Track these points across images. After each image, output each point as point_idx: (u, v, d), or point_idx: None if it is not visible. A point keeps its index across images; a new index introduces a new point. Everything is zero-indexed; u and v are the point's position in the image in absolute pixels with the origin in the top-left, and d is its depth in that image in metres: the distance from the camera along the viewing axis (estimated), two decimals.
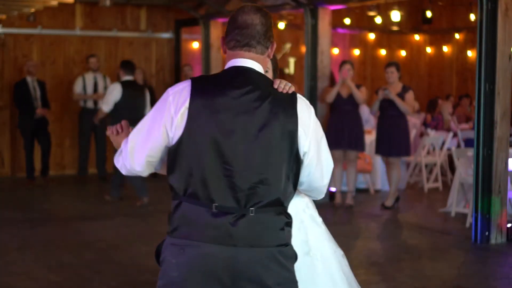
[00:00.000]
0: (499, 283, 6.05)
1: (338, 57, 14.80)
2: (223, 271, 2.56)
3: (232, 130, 2.55)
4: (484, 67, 7.10)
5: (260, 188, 2.56)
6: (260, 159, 2.56)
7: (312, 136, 2.63)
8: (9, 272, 6.16)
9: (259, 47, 2.68)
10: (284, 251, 2.61)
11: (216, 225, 2.55)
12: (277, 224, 2.60)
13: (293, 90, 2.65)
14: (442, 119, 11.97)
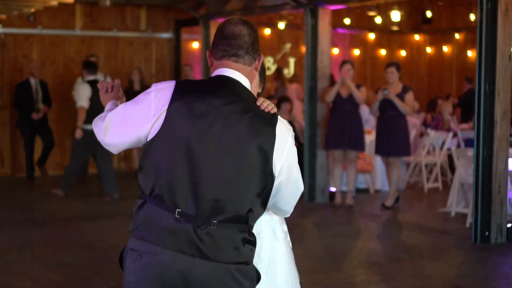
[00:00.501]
0: (499, 283, 6.05)
1: (338, 57, 14.81)
2: (178, 282, 2.51)
3: (207, 137, 2.52)
4: (484, 67, 7.10)
5: (226, 202, 2.51)
6: (230, 172, 2.52)
7: (286, 159, 2.60)
8: (9, 272, 6.17)
9: (247, 57, 2.66)
10: (244, 270, 2.56)
11: (176, 231, 2.51)
12: (238, 241, 2.55)
13: (275, 111, 2.63)
14: (442, 119, 11.97)
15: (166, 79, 12.89)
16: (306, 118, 9.57)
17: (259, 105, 2.60)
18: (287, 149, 2.60)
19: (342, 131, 9.07)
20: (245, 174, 2.53)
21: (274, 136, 2.56)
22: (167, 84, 2.62)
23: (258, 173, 2.54)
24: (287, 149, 2.60)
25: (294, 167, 2.65)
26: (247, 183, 2.53)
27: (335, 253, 6.93)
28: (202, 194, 2.51)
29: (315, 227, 8.29)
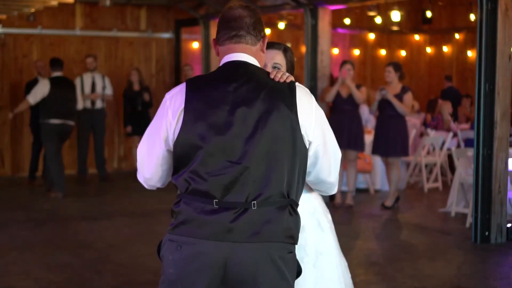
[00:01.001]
0: (499, 283, 6.05)
1: (338, 57, 14.81)
2: (218, 271, 2.51)
3: (231, 123, 2.52)
4: (484, 67, 7.10)
5: (262, 181, 2.50)
6: (261, 151, 2.50)
7: (317, 124, 2.57)
8: (9, 272, 6.16)
9: (248, 37, 2.63)
10: (286, 258, 2.53)
11: (215, 221, 2.51)
12: (280, 218, 2.52)
13: (291, 79, 2.59)
14: (442, 119, 11.97)
15: (166, 79, 12.91)
16: None
17: (273, 78, 2.58)
18: (315, 113, 2.57)
19: (341, 131, 9.06)
20: (276, 149, 2.51)
21: (295, 103, 2.53)
22: (179, 87, 2.64)
23: (290, 144, 2.52)
24: (315, 113, 2.57)
25: (326, 130, 2.61)
26: (279, 158, 2.51)
27: None
28: (237, 178, 2.50)
29: None
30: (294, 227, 2.57)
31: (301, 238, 2.90)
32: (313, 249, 2.98)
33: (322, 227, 3.02)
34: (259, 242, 2.50)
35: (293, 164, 2.53)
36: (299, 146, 2.54)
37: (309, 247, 2.97)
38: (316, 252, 2.99)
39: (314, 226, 3.01)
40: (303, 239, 2.95)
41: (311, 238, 2.99)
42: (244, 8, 2.66)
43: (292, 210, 2.56)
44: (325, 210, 3.11)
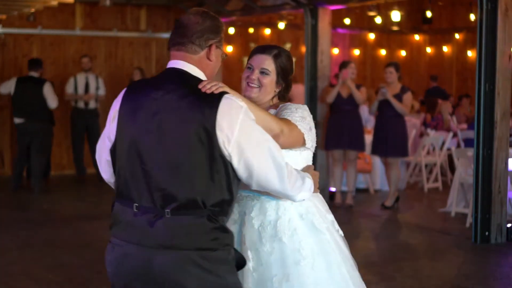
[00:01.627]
0: (499, 283, 6.05)
1: (338, 57, 14.81)
2: (142, 274, 2.58)
3: (150, 130, 2.57)
4: (484, 67, 7.10)
5: (176, 189, 2.54)
6: (175, 159, 2.54)
7: (240, 137, 2.53)
8: (9, 272, 6.17)
9: (190, 45, 2.65)
10: (208, 255, 2.53)
11: (135, 225, 2.60)
12: (197, 228, 2.53)
13: (221, 90, 2.57)
14: (442, 119, 11.97)
15: None
16: None
17: (201, 88, 2.57)
18: (238, 126, 2.53)
19: (342, 131, 9.07)
20: (190, 159, 2.53)
21: (215, 114, 2.51)
22: (123, 91, 2.73)
23: (205, 155, 2.52)
24: (238, 126, 2.53)
25: (255, 144, 2.57)
26: (194, 167, 2.53)
27: None
28: (153, 185, 2.57)
29: None
30: (214, 237, 2.56)
31: (294, 241, 2.94)
32: (309, 251, 2.94)
33: (318, 228, 2.99)
34: (176, 249, 2.53)
35: (210, 174, 2.53)
36: (217, 157, 2.53)
37: (304, 249, 2.93)
38: (313, 254, 2.95)
39: (307, 228, 2.97)
40: (297, 242, 2.93)
41: (305, 241, 2.95)
42: (197, 15, 2.67)
43: (213, 221, 2.55)
44: (323, 211, 3.09)
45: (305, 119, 2.97)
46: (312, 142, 3.02)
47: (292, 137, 2.90)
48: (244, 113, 2.56)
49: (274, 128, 2.79)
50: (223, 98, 2.55)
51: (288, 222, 2.99)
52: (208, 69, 2.70)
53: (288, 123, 2.90)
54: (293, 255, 2.93)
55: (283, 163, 2.63)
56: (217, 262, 2.56)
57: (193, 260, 2.52)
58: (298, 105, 3.04)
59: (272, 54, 3.12)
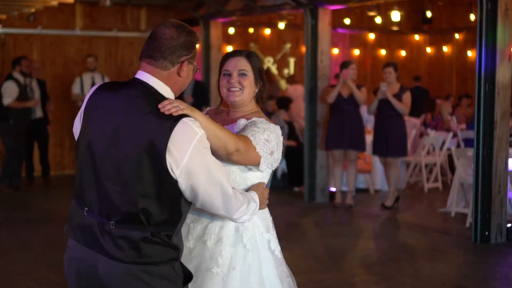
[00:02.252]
0: (499, 283, 6.05)
1: (338, 57, 14.81)
2: (90, 276, 2.63)
3: (105, 133, 2.59)
4: (484, 67, 7.10)
5: (118, 201, 2.55)
6: (122, 172, 2.55)
7: (188, 162, 2.53)
8: (9, 272, 6.17)
9: (161, 61, 2.63)
10: (149, 269, 2.56)
11: (84, 228, 2.64)
12: (138, 242, 2.55)
13: (180, 113, 2.55)
14: (442, 119, 11.97)
15: None
16: (306, 118, 9.56)
17: (161, 108, 2.55)
18: (190, 152, 2.53)
19: (342, 131, 9.07)
20: (137, 175, 2.53)
21: (168, 137, 2.50)
22: (94, 88, 2.75)
23: (149, 172, 2.52)
24: (190, 152, 2.53)
25: (205, 172, 2.57)
26: (140, 184, 2.53)
27: (335, 253, 6.93)
28: (101, 193, 2.59)
29: (315, 227, 8.29)
30: (157, 252, 2.57)
31: (216, 248, 2.94)
32: (226, 262, 2.93)
33: (245, 244, 2.97)
34: (117, 261, 2.56)
35: (155, 193, 2.54)
36: (164, 179, 2.53)
37: (222, 259, 2.93)
38: (229, 266, 2.93)
39: (234, 241, 2.96)
40: (218, 250, 2.94)
41: (226, 251, 2.94)
42: (173, 28, 2.65)
43: (156, 236, 2.56)
44: (260, 229, 3.04)
45: (268, 143, 2.93)
46: (269, 164, 2.98)
47: (247, 157, 2.88)
48: (198, 140, 2.54)
49: (229, 147, 2.76)
50: (179, 122, 2.52)
51: (219, 228, 2.98)
52: (177, 84, 2.69)
53: (246, 143, 2.87)
54: (211, 261, 2.94)
55: (230, 191, 2.65)
56: (158, 276, 2.58)
57: (133, 273, 2.55)
58: (269, 126, 2.99)
59: (244, 54, 3.13)
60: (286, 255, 3.27)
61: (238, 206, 2.72)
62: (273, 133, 2.98)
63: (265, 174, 3.06)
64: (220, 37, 12.10)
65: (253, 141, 2.90)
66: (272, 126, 3.01)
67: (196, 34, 2.71)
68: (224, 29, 12.69)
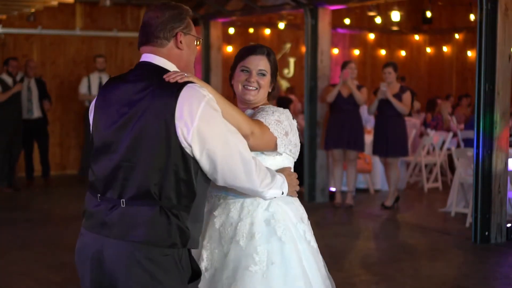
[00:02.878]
0: (499, 283, 6.05)
1: (338, 57, 14.82)
2: (96, 262, 2.61)
3: (115, 122, 2.61)
4: (484, 67, 7.10)
5: (132, 179, 2.54)
6: (133, 149, 2.55)
7: (198, 126, 2.49)
8: (9, 272, 6.17)
9: (155, 40, 2.66)
10: (152, 257, 2.52)
11: (95, 214, 2.64)
12: (148, 220, 2.52)
13: (186, 79, 2.55)
14: (442, 119, 11.97)
15: None
16: (306, 118, 9.56)
17: (166, 77, 2.56)
18: (199, 114, 2.49)
19: (341, 131, 9.06)
20: (145, 149, 2.53)
21: (174, 103, 2.49)
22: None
23: (162, 145, 2.51)
24: (199, 114, 2.49)
25: (218, 135, 2.53)
26: (148, 158, 2.52)
27: (335, 253, 6.93)
28: (114, 175, 2.59)
29: (315, 227, 8.21)
30: (168, 232, 2.53)
31: (251, 246, 2.86)
32: (264, 258, 2.84)
33: (280, 237, 2.88)
34: (124, 240, 2.53)
35: (166, 166, 2.52)
36: (176, 149, 2.51)
37: (258, 256, 2.84)
38: (268, 262, 2.84)
39: (269, 235, 2.88)
40: (252, 247, 2.86)
41: (263, 247, 2.86)
42: (156, 9, 2.68)
43: (167, 214, 2.53)
44: (293, 219, 2.98)
45: (280, 123, 2.89)
46: (287, 147, 2.91)
47: (263, 140, 2.81)
48: (207, 102, 2.52)
49: (244, 128, 2.70)
50: (185, 86, 2.52)
51: (250, 225, 2.90)
52: (182, 59, 2.70)
53: (260, 125, 2.81)
54: (246, 260, 2.85)
55: (249, 156, 2.60)
56: (162, 268, 2.53)
57: (137, 259, 2.52)
58: (277, 108, 2.96)
59: (265, 53, 3.08)
60: None
61: (262, 176, 2.65)
62: (283, 114, 2.95)
63: (286, 162, 2.97)
64: (220, 37, 12.11)
65: (265, 123, 2.85)
66: (281, 109, 2.98)
67: (182, 7, 2.71)
68: (224, 29, 12.69)
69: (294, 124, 2.99)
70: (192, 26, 2.73)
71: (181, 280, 2.58)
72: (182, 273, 2.59)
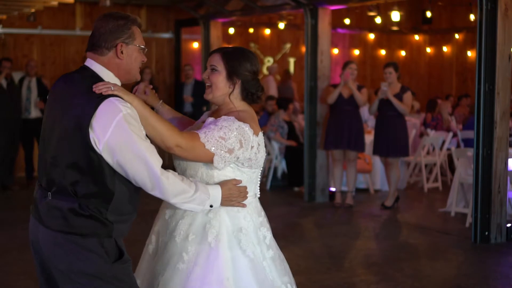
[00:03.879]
0: (499, 283, 6.05)
1: (338, 57, 14.81)
2: (34, 244, 2.93)
3: (48, 120, 2.89)
4: (484, 67, 7.10)
5: (53, 175, 2.82)
6: (54, 148, 2.81)
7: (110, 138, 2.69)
8: (9, 272, 6.17)
9: (97, 48, 2.87)
10: (75, 240, 2.77)
11: (35, 200, 2.94)
12: (66, 212, 2.78)
13: (111, 92, 2.72)
14: (442, 119, 11.97)
15: (166, 79, 12.91)
16: (306, 118, 9.56)
17: (94, 87, 2.75)
18: (112, 129, 2.68)
19: (341, 131, 9.06)
20: (63, 149, 2.78)
21: (92, 113, 2.70)
22: None
23: (79, 148, 2.73)
24: (112, 129, 2.68)
25: (127, 148, 2.71)
26: (65, 157, 2.77)
27: (335, 253, 6.93)
28: (45, 167, 2.88)
29: (315, 227, 8.29)
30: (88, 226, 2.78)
31: (183, 244, 3.00)
32: (192, 258, 2.96)
33: (210, 242, 2.98)
34: (48, 228, 2.82)
35: (82, 167, 2.76)
36: (90, 153, 2.73)
37: (188, 255, 2.97)
38: (194, 263, 2.96)
39: (201, 238, 2.98)
40: (185, 246, 2.98)
41: (192, 248, 2.97)
42: (102, 19, 2.89)
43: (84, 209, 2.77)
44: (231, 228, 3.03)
45: (224, 140, 2.92)
46: (229, 163, 2.97)
47: (192, 153, 2.90)
48: (121, 117, 2.70)
49: (166, 141, 2.83)
50: (105, 100, 2.72)
51: (188, 226, 3.02)
52: (121, 67, 2.89)
53: (192, 140, 2.89)
54: (177, 257, 2.99)
55: (158, 173, 2.76)
56: (86, 249, 2.77)
57: (60, 242, 2.78)
58: (231, 123, 2.96)
59: (223, 51, 3.15)
60: (286, 255, 3.27)
61: (177, 191, 2.81)
62: (234, 131, 2.95)
63: (236, 174, 3.03)
64: (220, 37, 12.10)
65: (202, 138, 2.91)
66: (237, 124, 2.96)
67: (129, 18, 2.89)
68: (224, 29, 12.69)
69: (249, 139, 2.98)
70: (137, 35, 2.90)
71: (104, 260, 2.80)
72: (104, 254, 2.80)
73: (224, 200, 2.97)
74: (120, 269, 2.83)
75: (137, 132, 2.72)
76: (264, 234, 3.12)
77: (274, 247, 3.14)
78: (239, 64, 3.11)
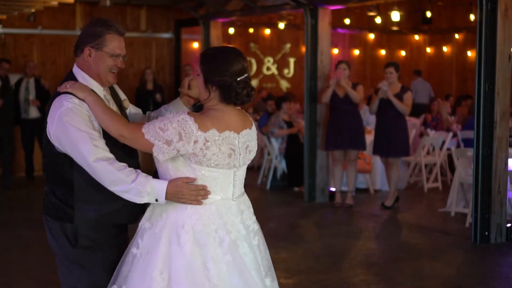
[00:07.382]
0: (499, 283, 6.05)
1: (338, 57, 14.81)
2: None
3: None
4: (484, 67, 7.10)
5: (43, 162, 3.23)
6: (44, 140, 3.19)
7: (55, 130, 3.04)
8: (9, 272, 6.17)
9: (76, 50, 3.22)
10: (48, 221, 3.19)
11: None
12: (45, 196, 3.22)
13: (65, 90, 3.06)
14: (442, 119, 11.97)
15: (166, 79, 12.91)
16: (306, 118, 9.56)
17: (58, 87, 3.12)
18: (55, 122, 3.03)
19: (341, 131, 9.05)
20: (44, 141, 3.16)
21: (49, 109, 3.10)
22: None
23: (45, 139, 3.14)
24: (55, 122, 3.03)
25: (67, 140, 3.02)
26: (43, 146, 3.17)
27: (335, 253, 6.93)
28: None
29: (315, 227, 8.29)
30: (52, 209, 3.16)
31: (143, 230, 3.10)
32: (146, 245, 3.03)
33: (156, 232, 3.03)
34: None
35: (47, 155, 3.17)
36: (50, 144, 3.11)
37: (143, 242, 3.04)
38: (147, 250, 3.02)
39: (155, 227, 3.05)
40: (143, 232, 3.07)
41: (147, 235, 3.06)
42: (87, 24, 3.24)
43: (51, 194, 3.17)
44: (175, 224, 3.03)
45: (163, 131, 2.93)
46: (169, 154, 2.96)
47: (136, 143, 3.03)
48: (62, 112, 3.03)
49: (111, 131, 3.04)
50: (58, 97, 3.08)
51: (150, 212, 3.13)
52: (91, 69, 3.18)
53: (135, 130, 3.01)
54: (135, 241, 3.10)
55: (92, 164, 2.99)
56: (52, 229, 3.18)
57: (43, 220, 3.22)
58: (174, 116, 2.95)
59: (203, 53, 3.08)
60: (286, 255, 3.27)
61: (113, 180, 2.99)
62: (174, 123, 2.93)
63: (189, 170, 3.01)
64: (220, 37, 12.11)
65: (144, 128, 2.98)
66: (180, 117, 2.94)
67: (105, 24, 3.15)
68: (224, 29, 12.69)
69: (193, 133, 2.94)
70: (109, 43, 3.13)
71: (64, 243, 3.14)
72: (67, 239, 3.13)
73: (171, 196, 2.99)
74: (81, 255, 3.12)
75: (75, 124, 3.00)
76: (222, 237, 3.02)
77: (235, 253, 3.03)
78: (216, 67, 2.99)
